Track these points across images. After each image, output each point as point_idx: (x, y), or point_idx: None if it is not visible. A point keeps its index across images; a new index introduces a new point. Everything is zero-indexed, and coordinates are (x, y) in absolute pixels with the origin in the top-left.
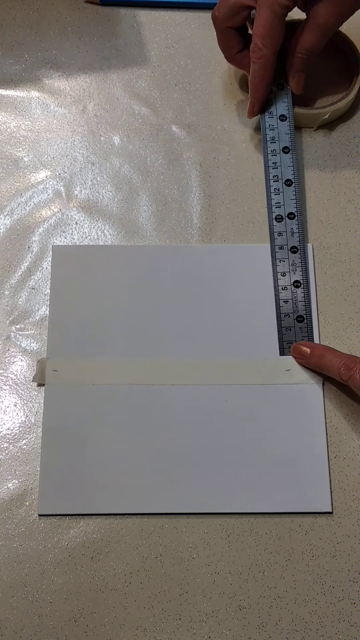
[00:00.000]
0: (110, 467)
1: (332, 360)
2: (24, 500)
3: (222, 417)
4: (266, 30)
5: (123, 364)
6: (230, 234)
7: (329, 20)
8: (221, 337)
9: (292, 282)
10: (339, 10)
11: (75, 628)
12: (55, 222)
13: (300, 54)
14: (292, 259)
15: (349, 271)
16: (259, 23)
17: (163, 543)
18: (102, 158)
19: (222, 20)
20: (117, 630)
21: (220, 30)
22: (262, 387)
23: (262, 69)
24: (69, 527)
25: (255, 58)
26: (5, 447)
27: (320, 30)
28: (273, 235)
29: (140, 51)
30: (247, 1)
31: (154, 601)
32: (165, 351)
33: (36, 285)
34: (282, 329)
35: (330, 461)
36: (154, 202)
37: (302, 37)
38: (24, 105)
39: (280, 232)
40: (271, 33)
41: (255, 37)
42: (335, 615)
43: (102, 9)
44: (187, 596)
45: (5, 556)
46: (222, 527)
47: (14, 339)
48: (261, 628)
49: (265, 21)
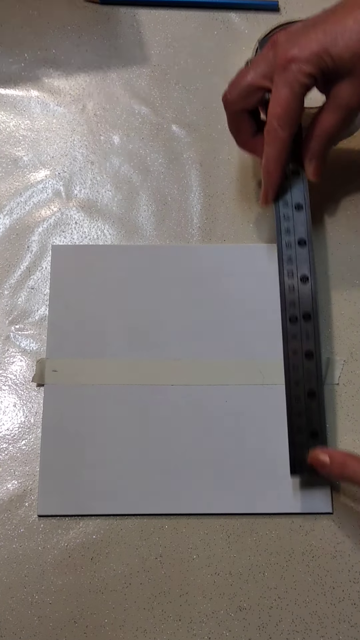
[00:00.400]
0: (110, 467)
1: (357, 471)
2: (24, 501)
3: (222, 418)
4: (284, 110)
5: (123, 364)
6: (230, 234)
7: (351, 101)
8: (221, 337)
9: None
10: None
11: (75, 629)
12: (54, 222)
13: (319, 137)
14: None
15: (349, 271)
16: (276, 102)
17: (163, 544)
18: (101, 157)
19: (234, 102)
20: (117, 631)
21: (232, 113)
22: (262, 387)
23: (278, 153)
24: (68, 527)
25: (271, 140)
26: (4, 448)
27: (342, 111)
28: (287, 337)
29: (140, 50)
30: (263, 82)
31: (154, 602)
32: (165, 351)
33: (36, 285)
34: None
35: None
36: (154, 202)
37: (322, 119)
38: (24, 105)
39: (294, 334)
40: (289, 113)
41: (271, 118)
42: (335, 615)
43: (102, 8)
44: (187, 597)
45: (5, 557)
46: (222, 527)
47: (13, 339)
48: (261, 629)
49: (283, 100)
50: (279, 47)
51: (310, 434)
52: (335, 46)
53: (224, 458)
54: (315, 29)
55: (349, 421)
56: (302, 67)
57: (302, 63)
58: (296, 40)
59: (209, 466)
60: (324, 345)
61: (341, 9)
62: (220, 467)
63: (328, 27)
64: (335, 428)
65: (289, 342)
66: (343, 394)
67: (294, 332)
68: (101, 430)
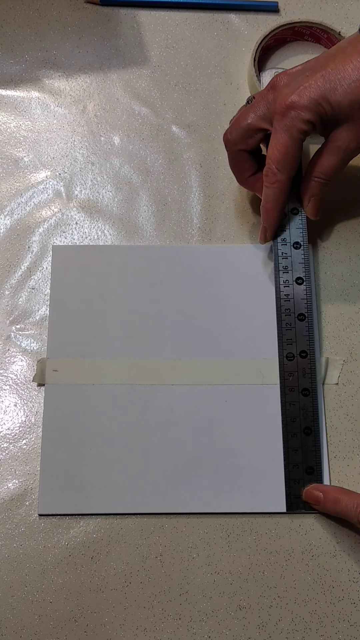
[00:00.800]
0: (110, 467)
1: (348, 506)
2: (24, 500)
3: (221, 417)
4: (282, 154)
5: (123, 364)
6: (230, 234)
7: (350, 145)
8: (221, 337)
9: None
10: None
11: (75, 628)
12: (55, 222)
13: (318, 178)
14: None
15: (349, 271)
16: (275, 147)
17: (163, 543)
18: (102, 158)
19: (234, 142)
20: (117, 630)
21: (233, 153)
22: (262, 387)
23: (276, 195)
24: (69, 527)
25: (269, 183)
26: (5, 447)
27: (340, 154)
28: (283, 375)
29: (140, 51)
30: (262, 124)
31: (154, 601)
32: (165, 351)
33: (36, 285)
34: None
35: (330, 461)
36: (154, 202)
37: (320, 161)
38: (24, 106)
39: (290, 372)
40: (287, 158)
41: (270, 161)
42: (335, 615)
43: (102, 9)
44: (187, 596)
45: (5, 556)
46: (222, 527)
47: (14, 339)
48: (261, 628)
49: (282, 146)
50: (279, 92)
51: (306, 469)
52: (334, 93)
53: (223, 457)
54: (315, 75)
55: (349, 421)
56: (301, 114)
57: (301, 110)
58: (295, 85)
59: (209, 465)
60: (323, 344)
61: (341, 54)
62: (220, 466)
63: (327, 74)
64: (336, 428)
65: (285, 381)
66: (343, 394)
67: (290, 368)
68: (101, 430)
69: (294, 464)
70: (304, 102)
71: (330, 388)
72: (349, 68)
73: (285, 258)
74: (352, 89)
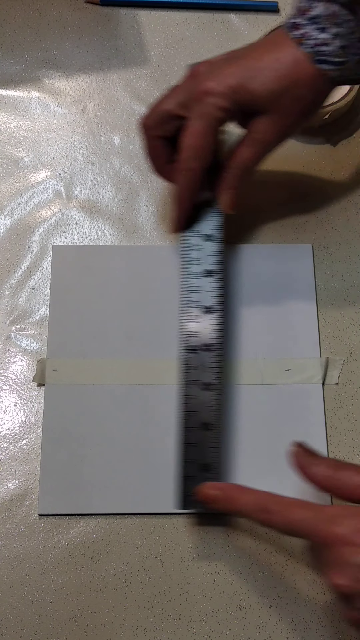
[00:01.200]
0: (110, 467)
1: (246, 504)
2: (24, 500)
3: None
4: (197, 141)
5: (123, 364)
6: (230, 234)
7: (268, 138)
8: None
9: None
10: (280, 129)
11: (75, 628)
12: (55, 222)
13: (235, 169)
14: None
15: (349, 271)
16: (190, 133)
17: (163, 543)
18: (102, 158)
19: (151, 128)
20: (117, 630)
21: (149, 139)
22: (262, 387)
23: (189, 183)
24: (69, 527)
25: (183, 170)
26: (5, 447)
27: (259, 146)
28: (184, 368)
29: (140, 51)
30: (180, 111)
31: (153, 601)
32: (165, 351)
33: (36, 285)
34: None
35: None
36: (154, 202)
37: (239, 152)
38: (24, 106)
39: (193, 365)
40: (202, 145)
41: (184, 148)
42: (335, 615)
43: (102, 9)
44: (187, 596)
45: (6, 556)
46: (222, 527)
47: (14, 339)
48: (261, 628)
49: (196, 132)
50: (198, 78)
51: (203, 466)
52: (252, 82)
53: (223, 457)
54: (235, 63)
55: (349, 421)
56: (218, 101)
57: (217, 96)
58: (215, 72)
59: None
60: (323, 344)
61: (262, 45)
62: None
63: (247, 63)
64: (335, 428)
65: (186, 372)
66: (343, 393)
67: (193, 362)
68: (101, 430)
69: (189, 459)
70: (221, 89)
71: (330, 388)
72: (268, 58)
73: (196, 250)
74: (271, 79)
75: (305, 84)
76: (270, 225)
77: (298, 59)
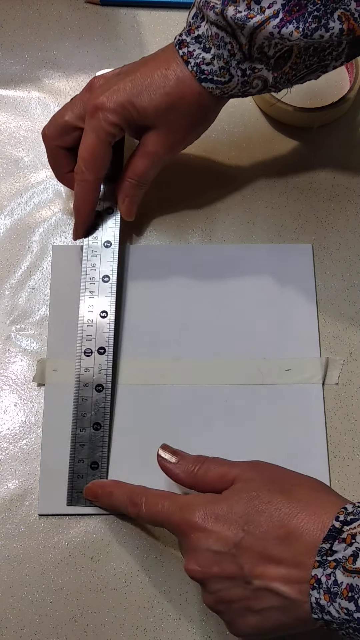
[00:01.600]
0: (110, 466)
1: (119, 498)
2: (24, 500)
3: (222, 417)
4: (89, 154)
5: (123, 364)
6: (230, 234)
7: (158, 150)
8: (221, 337)
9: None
10: (169, 142)
11: (75, 628)
12: (55, 222)
13: (131, 179)
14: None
15: (349, 271)
16: (84, 147)
17: (163, 543)
18: None
19: (51, 138)
20: (117, 630)
21: (50, 148)
22: (262, 387)
23: (85, 193)
24: (69, 527)
25: (79, 181)
26: (5, 447)
27: (150, 158)
28: (79, 370)
29: (140, 51)
30: (78, 123)
31: (154, 601)
32: (165, 351)
33: (36, 285)
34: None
35: (330, 461)
36: (151, 202)
37: (133, 163)
38: (24, 105)
39: (87, 367)
40: (95, 158)
41: (79, 160)
42: None
43: (102, 9)
44: (187, 596)
45: (5, 556)
46: None
47: (14, 339)
48: None
49: (89, 145)
50: (93, 93)
51: (91, 464)
52: (139, 99)
53: (223, 457)
54: (126, 79)
55: (349, 421)
56: (108, 116)
57: (108, 112)
58: (107, 87)
59: None
60: (323, 344)
61: (152, 60)
62: None
63: (136, 78)
64: (336, 428)
65: (80, 375)
66: (343, 394)
67: (87, 364)
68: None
69: (79, 458)
70: (111, 105)
71: (330, 388)
72: (156, 75)
73: (95, 256)
74: (157, 95)
75: (190, 101)
76: (270, 225)
77: (184, 77)
